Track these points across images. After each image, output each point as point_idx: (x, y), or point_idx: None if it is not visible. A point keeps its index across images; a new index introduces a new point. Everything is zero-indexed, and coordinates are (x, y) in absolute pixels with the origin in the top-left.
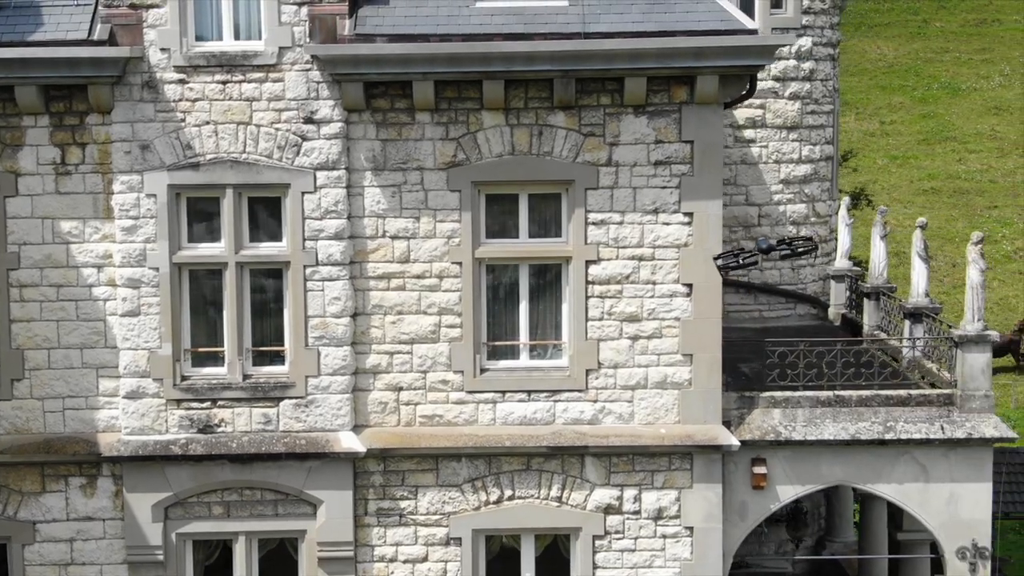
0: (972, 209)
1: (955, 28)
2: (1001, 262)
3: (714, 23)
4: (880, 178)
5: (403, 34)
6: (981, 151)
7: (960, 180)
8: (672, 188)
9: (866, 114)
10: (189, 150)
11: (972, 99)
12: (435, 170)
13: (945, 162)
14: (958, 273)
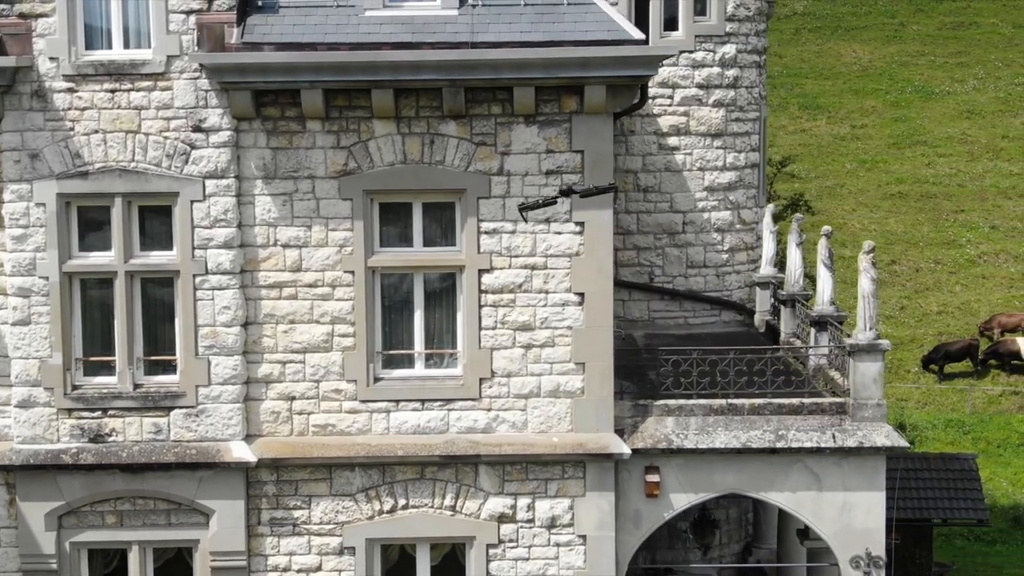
0: (938, 213)
1: (932, 31)
2: (964, 266)
3: (601, 33)
4: (848, 182)
5: (290, 42)
6: (951, 155)
7: (928, 184)
8: None
9: (838, 118)
10: (78, 159)
11: (945, 103)
12: (327, 179)
13: (914, 166)
14: (921, 278)
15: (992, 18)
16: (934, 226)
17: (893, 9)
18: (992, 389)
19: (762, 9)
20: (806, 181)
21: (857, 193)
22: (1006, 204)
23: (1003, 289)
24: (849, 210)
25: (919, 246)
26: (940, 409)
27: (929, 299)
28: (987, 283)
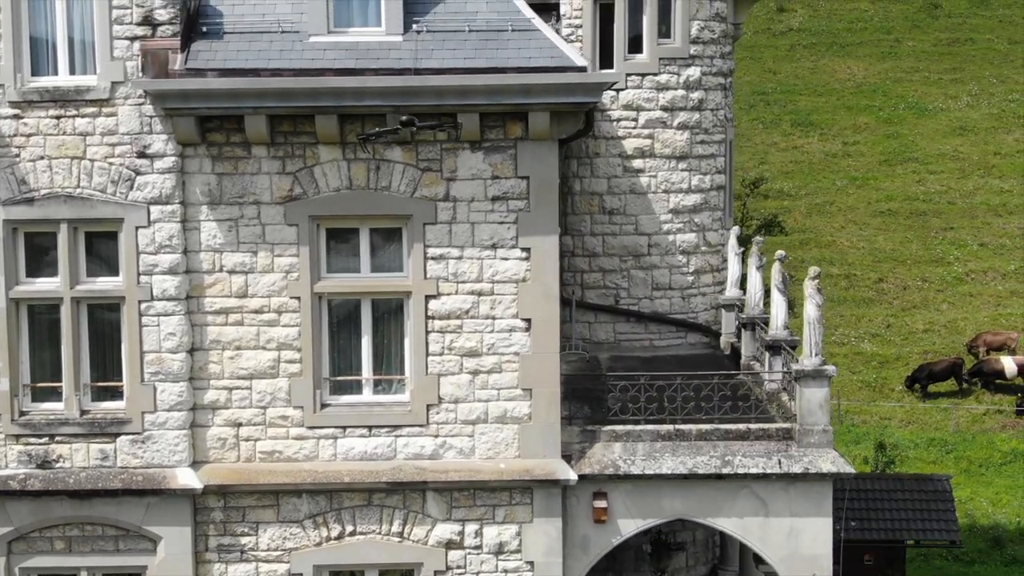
0: (927, 231)
1: (927, 47)
2: (952, 284)
3: (544, 60)
4: (838, 199)
5: (234, 68)
6: (942, 172)
7: (918, 202)
8: (509, 224)
9: (830, 135)
10: (24, 185)
11: (938, 120)
12: (272, 204)
13: (905, 183)
14: (908, 296)
15: (988, 34)
16: (922, 244)
17: (889, 25)
18: (976, 408)
19: (727, 31)
20: (796, 198)
21: (847, 210)
22: (995, 221)
23: (990, 307)
24: (838, 227)
25: (907, 264)
26: (923, 428)
27: (915, 317)
28: (974, 301)
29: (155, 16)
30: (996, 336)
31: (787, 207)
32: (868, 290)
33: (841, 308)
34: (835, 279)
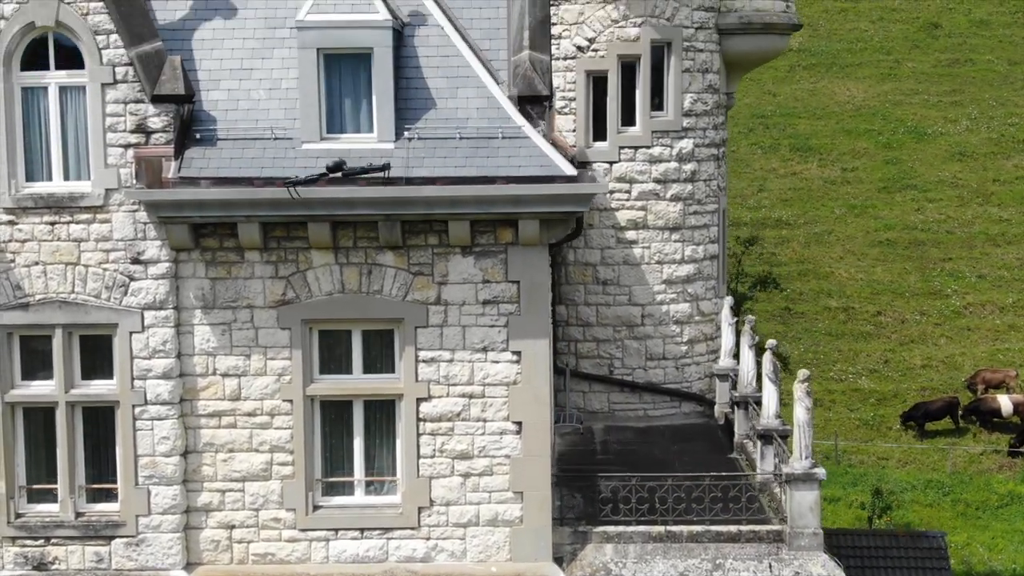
0: (926, 262)
1: (927, 68)
2: (950, 318)
3: (534, 169)
4: (836, 228)
5: (227, 177)
6: (941, 200)
7: (917, 231)
8: (500, 327)
9: (829, 160)
10: (19, 290)
11: (937, 144)
12: (265, 308)
13: (903, 211)
14: (906, 330)
15: (988, 55)
16: (921, 275)
17: (888, 46)
18: (973, 448)
19: (720, 102)
20: (795, 227)
21: (845, 240)
22: (994, 252)
23: (988, 342)
24: (836, 258)
25: (905, 296)
26: (920, 468)
27: (914, 352)
28: (972, 335)
29: (149, 124)
30: (995, 374)
31: (786, 237)
32: (866, 324)
33: (839, 343)
34: (833, 312)
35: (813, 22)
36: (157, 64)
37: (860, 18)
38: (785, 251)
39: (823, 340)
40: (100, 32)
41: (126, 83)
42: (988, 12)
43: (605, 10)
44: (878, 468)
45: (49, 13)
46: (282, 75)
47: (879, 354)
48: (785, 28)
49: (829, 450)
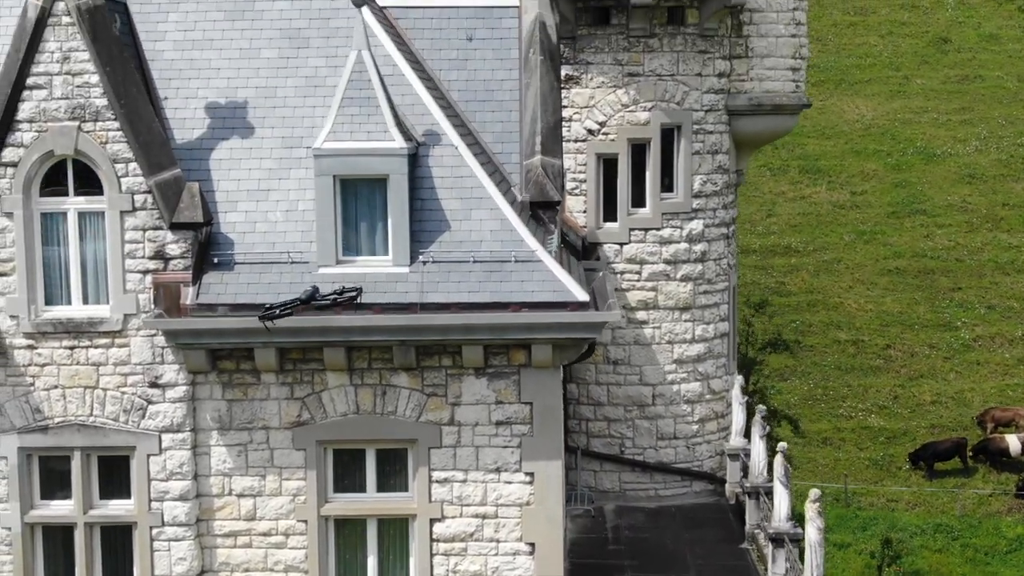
0: (935, 291)
1: (936, 85)
2: (959, 351)
3: (547, 294)
4: (845, 256)
5: (245, 304)
6: (950, 225)
7: (926, 259)
8: (513, 448)
9: (838, 183)
10: (39, 413)
11: (946, 165)
12: (281, 429)
13: (913, 238)
14: (915, 364)
15: (997, 71)
16: (930, 305)
17: (898, 61)
18: (982, 489)
19: (730, 181)
20: (804, 255)
21: (854, 268)
22: (1003, 281)
23: (997, 377)
24: (846, 287)
25: (914, 328)
26: (930, 511)
27: (923, 387)
28: (981, 370)
29: (167, 251)
30: (1005, 412)
31: (795, 265)
32: (876, 357)
33: (848, 377)
34: (843, 345)
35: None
36: (176, 191)
37: (869, 32)
38: (794, 280)
39: (832, 375)
40: (119, 160)
41: (145, 210)
42: (997, 26)
43: (615, 94)
44: (887, 511)
45: (68, 142)
46: (299, 196)
47: (888, 389)
48: (795, 108)
49: (839, 493)
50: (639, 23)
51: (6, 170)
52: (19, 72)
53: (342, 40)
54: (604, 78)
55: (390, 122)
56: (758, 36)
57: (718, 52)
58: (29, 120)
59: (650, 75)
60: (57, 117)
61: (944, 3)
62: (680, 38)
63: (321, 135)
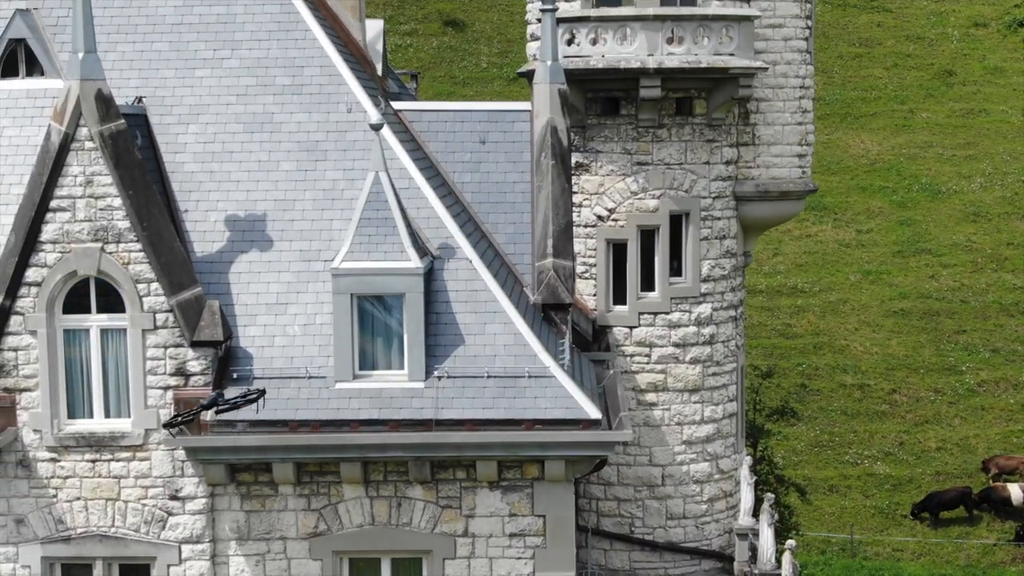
0: (940, 334)
1: (941, 119)
2: (964, 396)
3: (560, 411)
4: (851, 296)
5: (263, 420)
6: (955, 265)
7: (931, 300)
8: (527, 559)
9: (843, 221)
10: (61, 524)
11: (951, 203)
12: (298, 540)
13: (918, 278)
14: (920, 409)
15: (1002, 105)
16: (935, 348)
17: (903, 95)
18: (986, 539)
19: (738, 265)
20: (810, 296)
21: (860, 310)
22: (1008, 323)
23: (1002, 423)
24: (852, 330)
25: (919, 372)
26: (935, 561)
27: (928, 433)
28: (986, 415)
29: (188, 367)
30: (1009, 460)
31: (801, 306)
32: (881, 402)
33: (854, 422)
34: (849, 389)
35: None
36: (196, 310)
37: (874, 64)
38: (800, 321)
39: (839, 420)
40: (141, 281)
41: (166, 328)
42: (1002, 59)
43: (625, 182)
44: (893, 560)
45: (91, 263)
46: (317, 310)
47: (894, 435)
48: (801, 193)
49: (845, 543)
50: (648, 114)
51: (30, 289)
52: (43, 195)
53: (359, 153)
54: (613, 166)
55: (407, 242)
56: (765, 124)
57: (725, 140)
58: (52, 241)
59: (659, 164)
60: (80, 239)
61: (949, 35)
62: (688, 128)
63: (340, 255)
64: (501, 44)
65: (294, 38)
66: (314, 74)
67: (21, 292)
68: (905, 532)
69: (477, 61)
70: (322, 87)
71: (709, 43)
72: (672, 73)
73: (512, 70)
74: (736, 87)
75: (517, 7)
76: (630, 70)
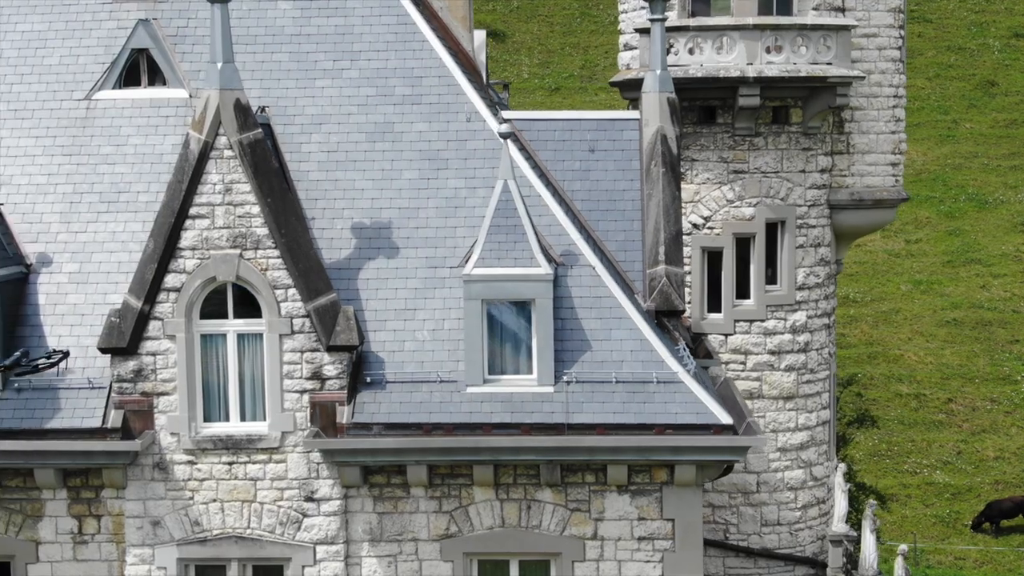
0: (994, 344)
1: (985, 130)
2: (1020, 406)
3: (691, 417)
4: (903, 306)
5: (398, 423)
6: (1005, 275)
7: (983, 310)
8: (655, 563)
9: (892, 231)
10: (197, 526)
11: (999, 213)
12: (429, 541)
13: (969, 288)
14: (977, 418)
15: None
16: (989, 358)
17: (946, 105)
18: None
19: (831, 273)
20: (862, 306)
21: (912, 319)
22: None
23: None
24: (905, 339)
25: (975, 382)
26: (998, 569)
27: (986, 442)
28: None
29: (324, 371)
30: None
31: (854, 316)
32: (938, 411)
33: (912, 432)
34: (905, 399)
35: None
36: (332, 315)
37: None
38: (854, 331)
39: (896, 429)
40: (279, 287)
41: (303, 333)
42: None
43: (720, 191)
44: (956, 570)
45: (230, 269)
46: (444, 316)
47: (952, 444)
48: (894, 202)
49: (908, 551)
50: (745, 122)
51: (168, 295)
52: (182, 202)
53: (479, 162)
54: (709, 174)
55: (536, 249)
56: (859, 133)
57: (820, 149)
58: (191, 248)
59: (755, 172)
60: (219, 245)
61: (990, 46)
62: (784, 136)
63: (470, 261)
64: (542, 55)
65: (412, 49)
66: (433, 84)
67: (160, 297)
68: (966, 541)
69: (518, 71)
70: (440, 97)
71: (807, 52)
72: (771, 82)
73: (553, 81)
74: (834, 96)
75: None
76: (729, 79)
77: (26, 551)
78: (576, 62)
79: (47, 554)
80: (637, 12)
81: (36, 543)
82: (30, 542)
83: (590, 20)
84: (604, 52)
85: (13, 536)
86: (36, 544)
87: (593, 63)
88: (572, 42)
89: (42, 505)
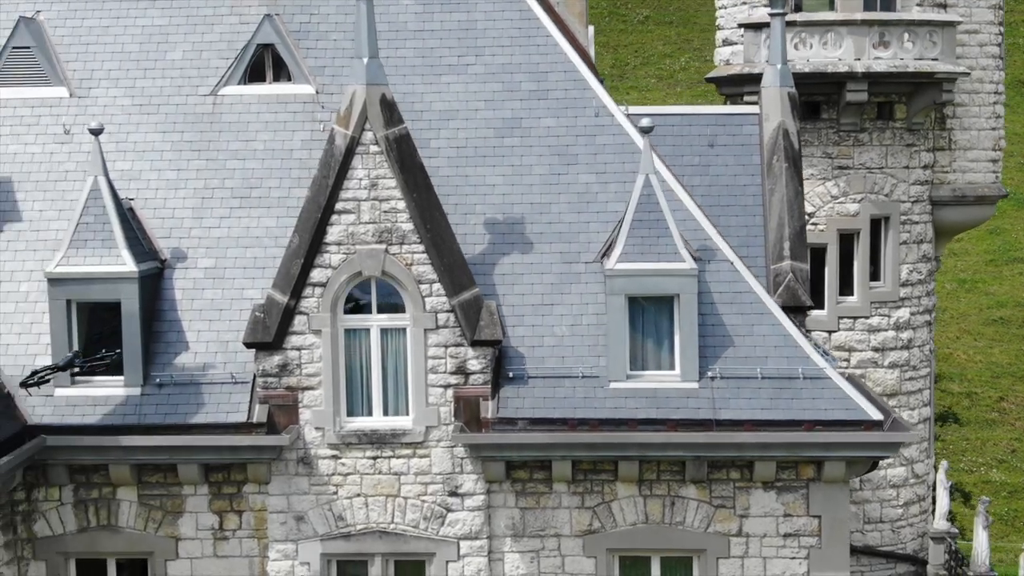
0: None
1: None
2: None
3: (840, 413)
4: (950, 305)
5: (542, 418)
6: None
7: None
8: (801, 559)
9: None
10: (341, 521)
11: None
12: (572, 537)
13: (1013, 287)
14: None
15: None
16: None
17: None
18: None
19: (932, 269)
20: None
21: (959, 318)
22: None
23: None
24: (953, 338)
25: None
26: None
27: None
28: None
29: (468, 366)
30: None
31: None
32: (990, 410)
33: (965, 430)
34: (957, 397)
35: None
36: (475, 310)
37: None
38: None
39: (950, 428)
40: (423, 281)
41: (447, 328)
42: None
43: (825, 187)
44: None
45: (376, 264)
46: (582, 311)
47: (1006, 443)
48: (995, 198)
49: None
50: (850, 118)
51: (314, 289)
52: (328, 197)
53: (609, 157)
54: (813, 170)
55: (679, 243)
56: (961, 129)
57: (923, 145)
58: (337, 243)
59: (860, 168)
60: (365, 240)
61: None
62: (889, 132)
63: (613, 256)
64: None
65: (536, 44)
66: (559, 79)
67: (305, 292)
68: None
69: None
70: (567, 92)
71: (914, 48)
72: (879, 77)
73: None
74: (939, 92)
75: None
76: (836, 74)
77: (165, 547)
78: (607, 61)
79: (187, 550)
80: (737, 7)
81: (176, 539)
82: (170, 538)
83: (618, 19)
84: (634, 51)
85: (152, 532)
86: (176, 540)
87: (623, 62)
88: (601, 41)
89: (183, 501)
